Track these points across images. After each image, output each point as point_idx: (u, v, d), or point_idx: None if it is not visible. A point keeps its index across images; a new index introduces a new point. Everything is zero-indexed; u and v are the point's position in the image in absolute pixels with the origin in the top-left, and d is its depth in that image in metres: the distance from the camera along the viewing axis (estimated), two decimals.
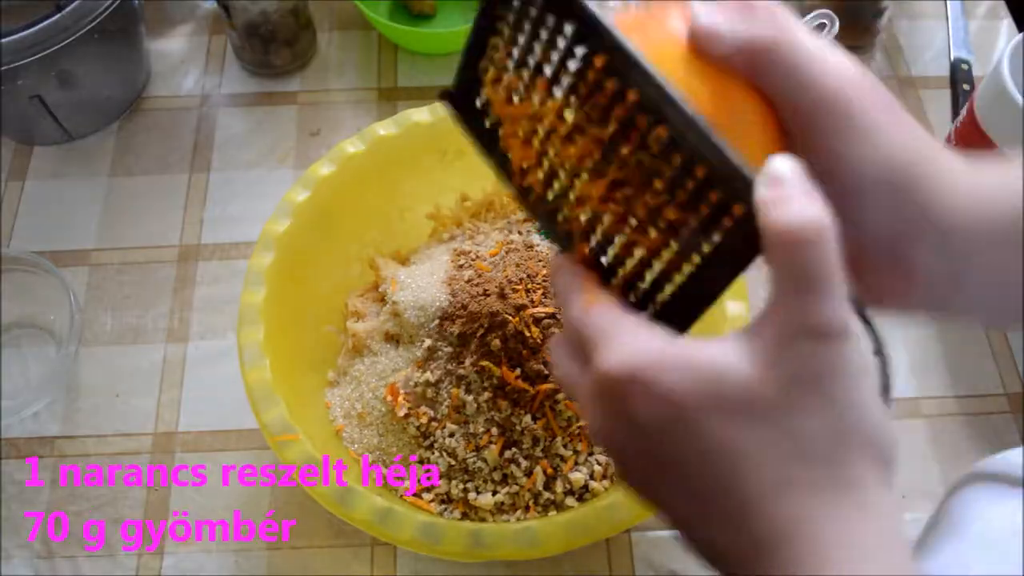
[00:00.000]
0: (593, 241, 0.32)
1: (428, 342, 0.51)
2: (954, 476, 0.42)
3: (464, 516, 0.50)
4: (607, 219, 0.31)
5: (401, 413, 0.50)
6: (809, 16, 0.69)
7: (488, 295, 0.50)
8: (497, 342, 0.49)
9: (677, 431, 0.27)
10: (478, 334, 0.49)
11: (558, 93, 0.31)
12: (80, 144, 0.72)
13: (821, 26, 0.68)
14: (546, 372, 0.49)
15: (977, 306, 0.32)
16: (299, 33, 0.74)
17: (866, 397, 0.26)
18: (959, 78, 0.76)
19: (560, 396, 0.49)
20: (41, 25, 0.61)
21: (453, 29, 0.75)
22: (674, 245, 0.29)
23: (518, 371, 0.49)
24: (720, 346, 0.27)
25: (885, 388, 0.28)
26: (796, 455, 0.26)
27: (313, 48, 0.77)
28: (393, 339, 0.54)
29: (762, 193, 0.26)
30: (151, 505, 0.55)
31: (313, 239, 0.54)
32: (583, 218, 0.32)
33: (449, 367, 0.50)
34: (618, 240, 0.31)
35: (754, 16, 0.29)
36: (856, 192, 0.29)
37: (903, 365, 0.62)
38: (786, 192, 0.26)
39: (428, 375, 0.50)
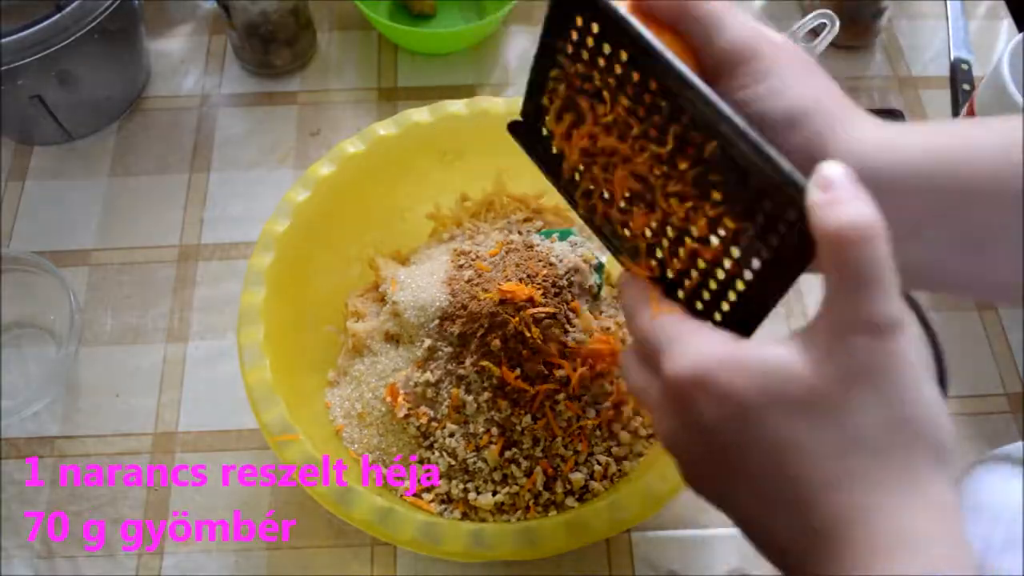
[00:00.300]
0: (658, 255, 0.34)
1: (428, 342, 0.51)
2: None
3: (464, 516, 0.50)
4: (670, 233, 0.33)
5: (401, 414, 0.50)
6: (809, 16, 0.69)
7: (488, 295, 0.50)
8: (497, 342, 0.49)
9: (742, 428, 0.28)
10: (478, 334, 0.49)
11: (616, 117, 0.33)
12: (80, 144, 0.72)
13: (821, 26, 0.68)
14: (546, 372, 0.49)
15: None
16: (299, 33, 0.74)
17: (920, 389, 0.27)
18: (959, 78, 0.76)
19: (560, 396, 0.49)
20: (41, 25, 0.61)
21: (453, 29, 0.75)
22: (733, 254, 0.31)
23: (518, 371, 0.49)
24: (780, 346, 0.28)
25: (941, 378, 0.29)
26: (853, 448, 0.27)
27: (313, 48, 0.77)
28: (393, 339, 0.54)
29: (814, 196, 0.27)
30: (151, 505, 0.55)
31: (313, 239, 0.54)
32: (648, 234, 0.34)
33: (449, 367, 0.50)
34: (681, 253, 0.33)
35: None
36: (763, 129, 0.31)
37: None
38: (837, 194, 0.27)
39: (428, 375, 0.50)
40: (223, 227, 0.67)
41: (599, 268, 0.53)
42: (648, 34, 0.31)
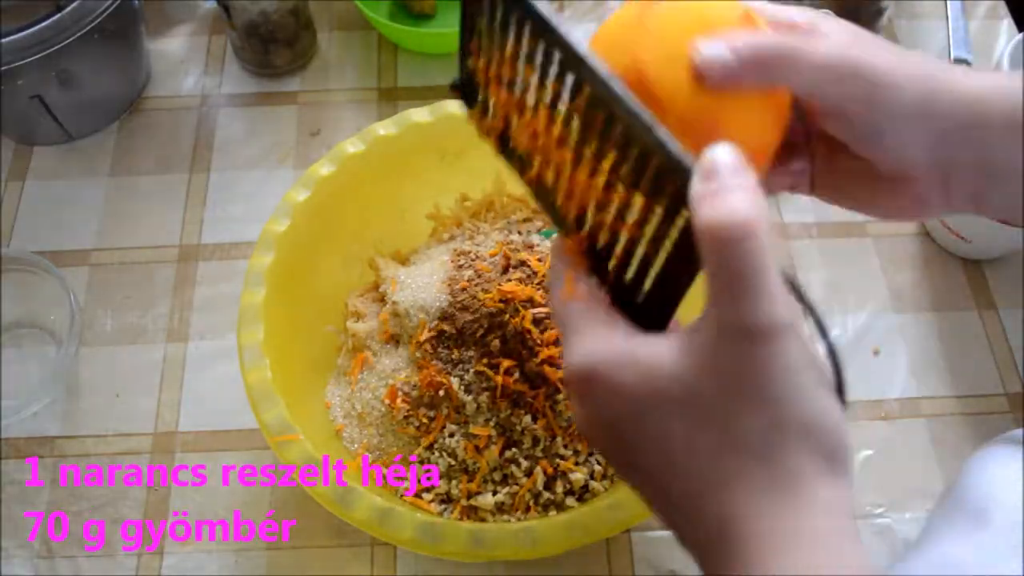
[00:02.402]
0: (585, 228, 0.33)
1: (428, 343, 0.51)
2: (954, 476, 0.42)
3: (464, 516, 0.50)
4: (591, 209, 0.32)
5: (401, 416, 0.50)
6: None
7: (488, 295, 0.50)
8: (497, 342, 0.49)
9: (632, 424, 0.28)
10: (478, 334, 0.49)
11: (529, 92, 0.33)
12: (80, 144, 0.72)
13: None
14: (546, 372, 0.49)
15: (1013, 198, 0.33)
16: (299, 33, 0.74)
17: (804, 391, 0.26)
18: None
19: (560, 396, 0.49)
20: (41, 25, 0.61)
21: (453, 29, 0.75)
22: (646, 233, 0.30)
23: (517, 373, 0.49)
24: (666, 343, 0.28)
25: (837, 379, 0.29)
26: (732, 451, 0.26)
27: (313, 48, 0.77)
28: (393, 339, 0.54)
29: (696, 187, 0.26)
30: (151, 505, 0.55)
31: (313, 239, 0.54)
32: (572, 208, 0.33)
33: (449, 368, 0.50)
34: (603, 227, 0.32)
35: (753, 34, 0.30)
36: (899, 132, 0.31)
37: (903, 365, 0.62)
38: (719, 185, 0.26)
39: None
40: (223, 227, 0.67)
41: None
42: (546, 9, 0.30)
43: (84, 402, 0.59)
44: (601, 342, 0.29)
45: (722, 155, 0.26)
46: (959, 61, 0.77)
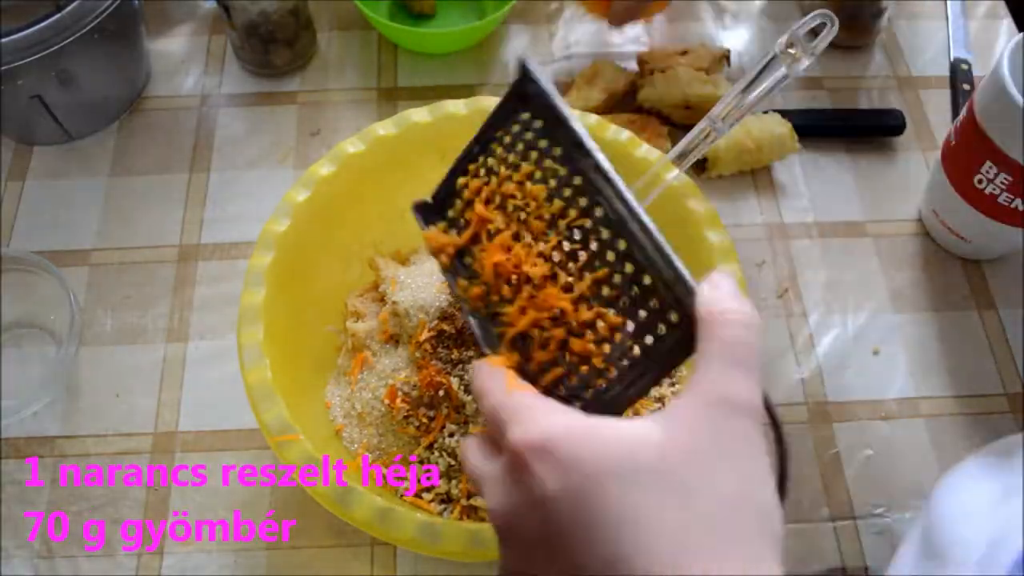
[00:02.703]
0: (527, 344, 0.36)
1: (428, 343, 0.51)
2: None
3: (464, 516, 0.50)
4: (546, 325, 0.35)
5: (400, 416, 0.50)
6: (809, 16, 0.68)
7: None
8: None
9: (582, 500, 0.27)
10: None
11: (528, 204, 0.36)
12: (80, 144, 0.72)
13: (821, 26, 0.67)
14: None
15: None
16: (299, 33, 0.74)
17: (764, 473, 0.28)
18: (959, 78, 0.76)
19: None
20: (41, 25, 0.61)
21: (453, 29, 0.75)
22: (604, 350, 0.33)
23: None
24: (634, 422, 0.29)
25: (782, 478, 0.31)
26: (698, 522, 0.26)
27: (313, 48, 0.77)
28: (393, 339, 0.54)
29: (706, 292, 0.30)
30: (151, 505, 0.55)
31: (313, 239, 0.54)
32: (520, 324, 0.36)
33: (448, 367, 0.50)
34: (551, 344, 0.35)
35: None
36: None
37: (903, 365, 0.62)
38: (725, 292, 0.30)
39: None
40: (223, 227, 0.67)
41: None
42: (584, 132, 0.33)
43: (84, 402, 0.59)
44: (555, 419, 0.29)
45: (724, 275, 0.31)
46: (959, 61, 0.77)
